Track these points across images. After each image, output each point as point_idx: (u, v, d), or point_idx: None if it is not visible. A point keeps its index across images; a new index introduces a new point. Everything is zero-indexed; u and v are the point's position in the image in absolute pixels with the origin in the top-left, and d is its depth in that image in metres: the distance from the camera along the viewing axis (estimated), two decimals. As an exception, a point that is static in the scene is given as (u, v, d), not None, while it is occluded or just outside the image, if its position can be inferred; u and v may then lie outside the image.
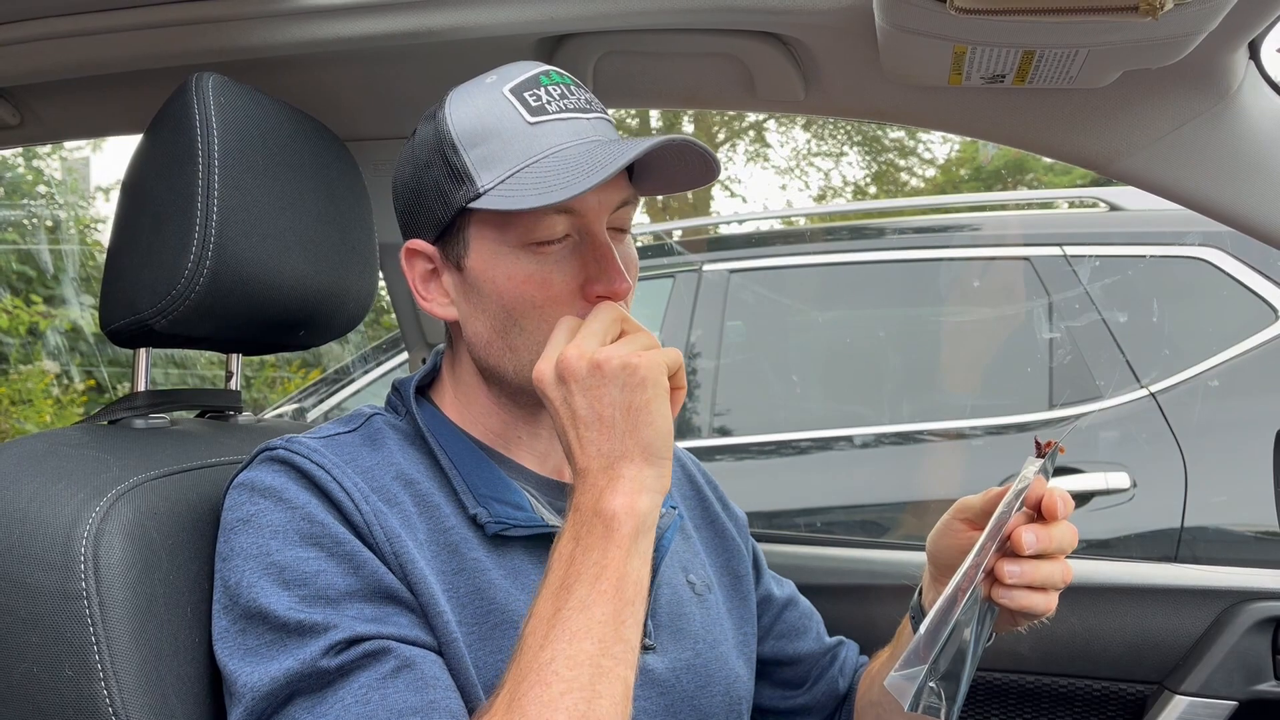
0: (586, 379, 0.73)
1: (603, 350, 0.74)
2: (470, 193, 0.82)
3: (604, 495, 0.72)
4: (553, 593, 0.70)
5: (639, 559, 0.71)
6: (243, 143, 0.91)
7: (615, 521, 0.71)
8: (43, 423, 5.15)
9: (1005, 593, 0.78)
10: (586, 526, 0.72)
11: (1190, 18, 0.79)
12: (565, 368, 0.74)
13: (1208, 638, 1.33)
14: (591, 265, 0.83)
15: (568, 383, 0.74)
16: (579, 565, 0.70)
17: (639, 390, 0.73)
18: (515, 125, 0.82)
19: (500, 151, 0.81)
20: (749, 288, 2.79)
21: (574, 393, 0.74)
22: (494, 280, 0.83)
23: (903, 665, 0.71)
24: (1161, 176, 1.02)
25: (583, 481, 0.74)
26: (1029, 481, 0.80)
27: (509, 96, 0.83)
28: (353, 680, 0.70)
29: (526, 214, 0.80)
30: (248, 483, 0.78)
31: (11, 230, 6.08)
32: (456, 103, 0.85)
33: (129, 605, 0.74)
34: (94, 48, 1.05)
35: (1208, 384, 2.24)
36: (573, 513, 0.73)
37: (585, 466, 0.74)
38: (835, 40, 1.00)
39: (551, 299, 0.82)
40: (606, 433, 0.73)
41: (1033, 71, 0.93)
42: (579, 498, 0.73)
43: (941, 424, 2.51)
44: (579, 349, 0.74)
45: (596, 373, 0.73)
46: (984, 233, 2.67)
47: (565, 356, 0.74)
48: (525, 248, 0.82)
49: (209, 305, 0.88)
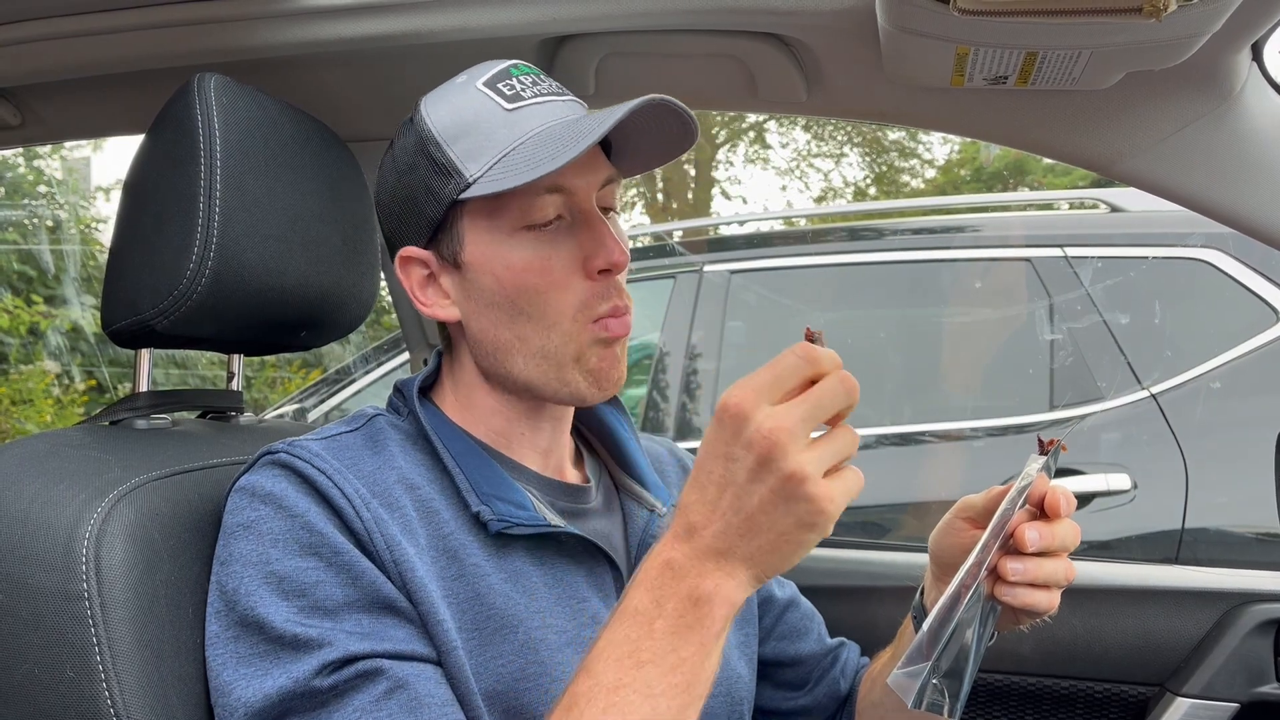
0: (783, 488, 0.63)
1: (811, 459, 0.62)
2: (459, 184, 0.82)
3: (710, 578, 0.65)
4: (618, 659, 0.64)
5: (718, 654, 0.66)
6: (245, 143, 0.91)
7: (711, 613, 0.64)
8: (43, 423, 5.15)
9: (1008, 590, 0.78)
10: (675, 599, 0.65)
11: (1194, 19, 0.79)
12: (761, 437, 0.62)
13: (1209, 640, 1.33)
14: (588, 242, 0.83)
15: (748, 450, 0.63)
16: (657, 644, 0.64)
17: (810, 531, 0.64)
18: (494, 115, 0.83)
19: (484, 142, 0.82)
20: (750, 288, 2.79)
21: (743, 467, 0.64)
22: (494, 271, 0.83)
23: (906, 663, 0.70)
24: (1164, 178, 1.02)
25: (691, 540, 0.66)
26: (1032, 479, 0.80)
27: (484, 89, 0.85)
28: (346, 703, 0.69)
29: (518, 196, 0.81)
30: (249, 487, 0.78)
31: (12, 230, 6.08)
32: (432, 105, 0.86)
33: (130, 606, 0.74)
34: (95, 48, 1.05)
35: (1209, 385, 2.23)
36: (663, 566, 0.66)
37: (703, 530, 0.65)
38: (837, 41, 1.00)
39: (553, 283, 0.83)
40: (749, 531, 0.64)
41: (1035, 73, 0.93)
42: (675, 549, 0.66)
43: (942, 425, 2.51)
44: (792, 432, 0.62)
45: (792, 486, 0.62)
46: (985, 234, 2.67)
47: (769, 429, 0.62)
48: (519, 232, 0.83)
49: (211, 306, 0.88)
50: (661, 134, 0.87)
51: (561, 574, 0.84)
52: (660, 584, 0.66)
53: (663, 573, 0.66)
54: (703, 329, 2.74)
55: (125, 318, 0.91)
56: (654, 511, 0.94)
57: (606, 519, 0.93)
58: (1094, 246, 2.44)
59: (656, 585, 0.66)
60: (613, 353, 0.86)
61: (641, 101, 0.79)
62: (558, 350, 0.84)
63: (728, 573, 0.65)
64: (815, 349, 0.65)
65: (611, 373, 0.86)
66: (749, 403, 0.63)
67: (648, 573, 0.67)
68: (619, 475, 0.98)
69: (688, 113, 0.84)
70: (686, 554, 0.66)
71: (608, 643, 0.66)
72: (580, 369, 0.85)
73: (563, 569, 0.85)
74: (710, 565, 0.65)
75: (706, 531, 0.65)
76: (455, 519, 0.82)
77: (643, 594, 0.66)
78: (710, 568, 0.65)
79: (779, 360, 0.64)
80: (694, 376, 2.73)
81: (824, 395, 0.64)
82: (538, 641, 0.79)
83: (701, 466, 0.66)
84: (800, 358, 0.64)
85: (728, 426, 0.64)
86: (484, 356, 0.87)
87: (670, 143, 0.88)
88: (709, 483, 0.65)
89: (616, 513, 0.95)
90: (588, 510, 0.92)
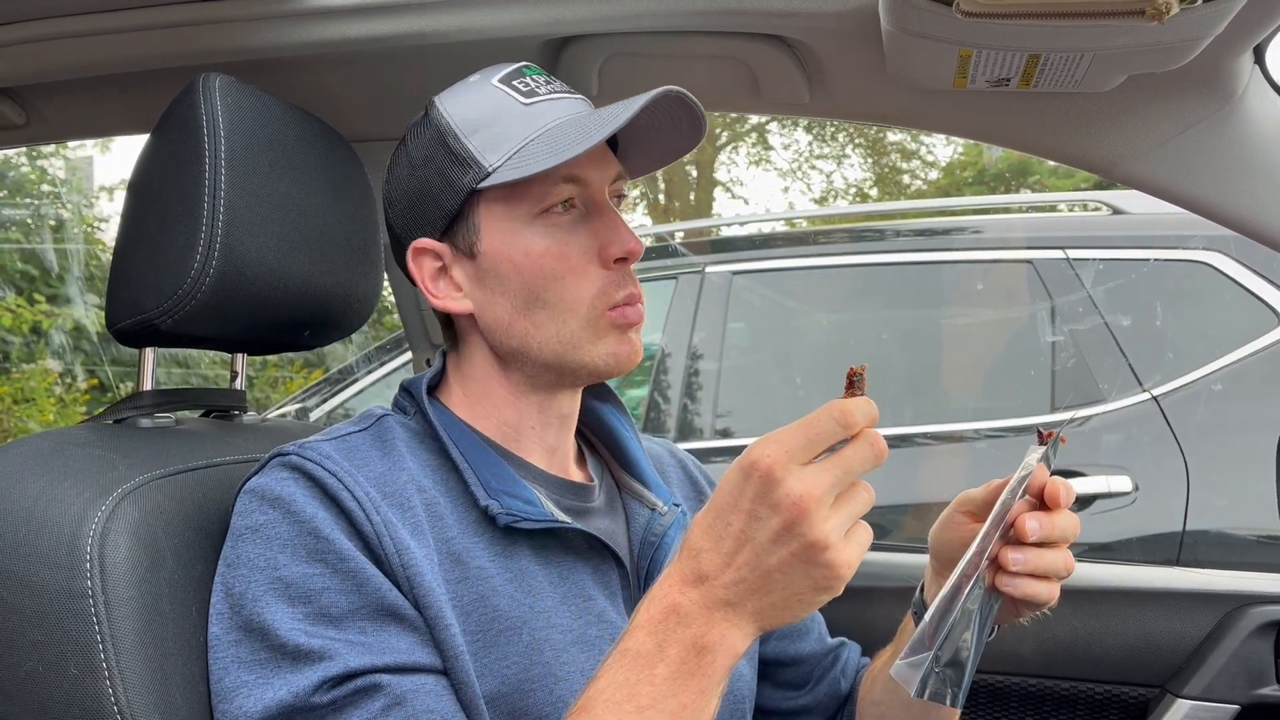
0: (805, 554, 0.62)
1: (835, 526, 0.63)
2: (478, 174, 0.84)
3: (717, 629, 0.64)
4: (617, 702, 0.64)
5: (717, 701, 0.65)
6: (249, 143, 0.91)
7: (714, 663, 0.64)
8: (46, 421, 5.16)
9: (1009, 580, 0.79)
10: (678, 645, 0.64)
11: (1196, 22, 0.79)
12: (791, 503, 0.62)
13: (1210, 641, 1.33)
14: (603, 231, 0.86)
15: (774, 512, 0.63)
16: (657, 689, 0.63)
17: (823, 593, 0.64)
18: (512, 108, 0.85)
19: (502, 133, 0.84)
20: (752, 289, 2.79)
21: (767, 527, 0.63)
22: (511, 258, 0.85)
23: (908, 653, 0.71)
24: (1167, 181, 1.02)
25: (700, 588, 0.65)
26: (1031, 469, 0.80)
27: (499, 86, 0.87)
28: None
29: (536, 184, 0.83)
30: (258, 490, 0.78)
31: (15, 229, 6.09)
32: (448, 100, 0.88)
33: (134, 604, 0.74)
34: (100, 48, 1.06)
35: (1211, 388, 2.23)
36: (668, 610, 0.65)
37: (714, 580, 0.64)
38: (840, 43, 1.00)
39: (570, 269, 0.85)
40: (762, 588, 0.64)
41: (1038, 75, 0.93)
42: (683, 594, 0.65)
43: (943, 426, 2.50)
44: (821, 500, 0.62)
45: (814, 553, 0.62)
46: (987, 235, 2.67)
47: (799, 495, 0.62)
48: (537, 219, 0.85)
49: (215, 305, 0.89)
50: (667, 133, 0.89)
51: (567, 572, 0.85)
52: (664, 628, 0.65)
53: (668, 617, 0.65)
54: (704, 330, 2.74)
55: (129, 316, 0.91)
56: (655, 510, 0.94)
57: (610, 517, 0.94)
58: (1096, 249, 2.44)
59: (660, 629, 0.65)
60: (629, 338, 0.88)
61: (658, 93, 0.81)
62: (575, 335, 0.86)
63: (734, 623, 0.65)
64: (851, 412, 0.64)
65: (631, 355, 0.88)
66: (780, 465, 0.62)
67: (650, 615, 0.66)
68: (620, 474, 0.98)
69: (699, 108, 0.86)
70: (695, 601, 0.65)
71: (607, 683, 0.65)
72: (598, 352, 0.86)
73: (568, 566, 0.85)
74: (718, 615, 0.64)
75: (718, 582, 0.64)
76: (459, 522, 0.82)
77: (645, 636, 0.65)
78: (718, 618, 0.64)
79: (814, 422, 0.64)
80: (695, 378, 2.73)
81: (854, 461, 0.64)
82: (542, 642, 0.80)
83: (720, 516, 0.65)
84: (836, 422, 0.63)
85: (755, 484, 0.63)
86: (500, 345, 0.88)
87: (676, 142, 0.91)
88: (727, 535, 0.64)
89: (619, 511, 0.95)
90: (592, 509, 0.92)
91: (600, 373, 0.88)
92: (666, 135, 0.91)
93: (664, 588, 0.66)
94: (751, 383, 2.84)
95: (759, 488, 0.63)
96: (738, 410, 2.76)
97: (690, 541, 0.66)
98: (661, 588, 0.67)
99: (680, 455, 1.13)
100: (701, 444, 2.65)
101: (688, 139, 0.91)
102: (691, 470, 1.11)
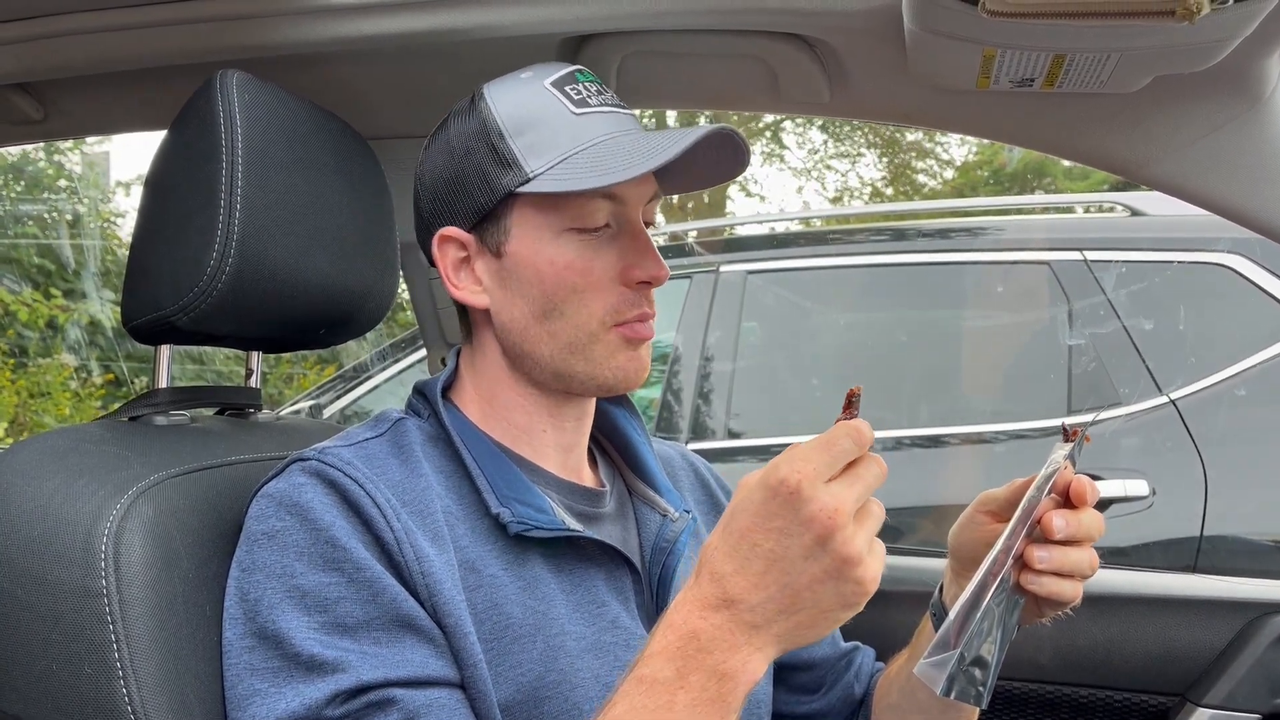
0: (836, 569, 0.62)
1: (863, 540, 0.63)
2: (519, 178, 0.83)
3: (740, 653, 0.64)
4: None
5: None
6: (266, 140, 0.90)
7: (736, 689, 0.64)
8: (61, 415, 5.20)
9: (1034, 578, 0.78)
10: (699, 672, 0.63)
11: (1226, 22, 0.78)
12: (826, 517, 0.62)
13: (1231, 650, 1.31)
14: (631, 252, 0.85)
15: (806, 528, 0.62)
16: (677, 716, 0.63)
17: (848, 610, 0.64)
18: (562, 115, 0.84)
19: (549, 139, 0.83)
20: (767, 289, 2.78)
21: (798, 544, 0.63)
22: (536, 266, 0.84)
23: (932, 652, 0.70)
24: (1193, 183, 1.01)
25: (726, 611, 0.64)
26: (1058, 465, 0.80)
27: (551, 89, 0.85)
28: None
29: (574, 199, 0.83)
30: (275, 494, 0.77)
31: (32, 224, 6.13)
32: (497, 94, 0.86)
33: (149, 603, 0.73)
34: (118, 43, 1.05)
35: (1231, 392, 2.22)
36: (688, 636, 0.64)
37: (742, 602, 0.64)
38: (862, 43, 0.99)
39: (592, 284, 0.84)
40: (791, 607, 0.63)
41: (1062, 75, 0.92)
42: (705, 619, 0.64)
43: (961, 428, 2.49)
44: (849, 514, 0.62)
45: (846, 568, 0.63)
46: (1004, 236, 2.65)
47: (832, 509, 0.62)
48: (568, 233, 0.84)
49: (231, 303, 0.88)
50: (708, 160, 0.88)
51: (580, 579, 0.84)
52: (684, 655, 0.64)
53: (688, 643, 0.64)
54: (719, 329, 2.73)
55: (146, 313, 0.91)
56: (666, 516, 0.94)
57: (621, 523, 0.93)
58: (1114, 250, 2.43)
59: (679, 656, 0.64)
60: (638, 354, 0.87)
61: (712, 130, 0.80)
62: (584, 347, 0.85)
63: (757, 647, 0.64)
64: (865, 431, 0.65)
65: (638, 371, 0.88)
66: (809, 481, 0.62)
67: (668, 640, 0.65)
68: (631, 479, 0.98)
69: (745, 148, 0.85)
70: (718, 625, 0.64)
71: (625, 709, 0.64)
72: (606, 365, 0.86)
73: (581, 573, 0.84)
74: (741, 639, 0.64)
75: (745, 604, 0.64)
76: (472, 530, 0.81)
77: (663, 663, 0.64)
78: (741, 641, 0.64)
79: (833, 440, 0.64)
80: (709, 378, 2.72)
81: (870, 477, 0.65)
82: (556, 649, 0.79)
83: (744, 536, 0.64)
84: (853, 440, 0.64)
85: (783, 501, 0.63)
86: (512, 346, 0.87)
87: (715, 170, 0.90)
88: (755, 555, 0.64)
89: (630, 517, 0.95)
90: (603, 514, 0.91)
91: (606, 387, 0.87)
92: (707, 163, 0.89)
93: (681, 613, 0.65)
94: (765, 383, 2.83)
95: (788, 505, 0.63)
96: (752, 410, 2.75)
97: (711, 566, 0.65)
98: (679, 613, 0.65)
99: (692, 459, 1.12)
100: (715, 444, 2.64)
101: (728, 169, 0.90)
102: (704, 474, 1.10)
